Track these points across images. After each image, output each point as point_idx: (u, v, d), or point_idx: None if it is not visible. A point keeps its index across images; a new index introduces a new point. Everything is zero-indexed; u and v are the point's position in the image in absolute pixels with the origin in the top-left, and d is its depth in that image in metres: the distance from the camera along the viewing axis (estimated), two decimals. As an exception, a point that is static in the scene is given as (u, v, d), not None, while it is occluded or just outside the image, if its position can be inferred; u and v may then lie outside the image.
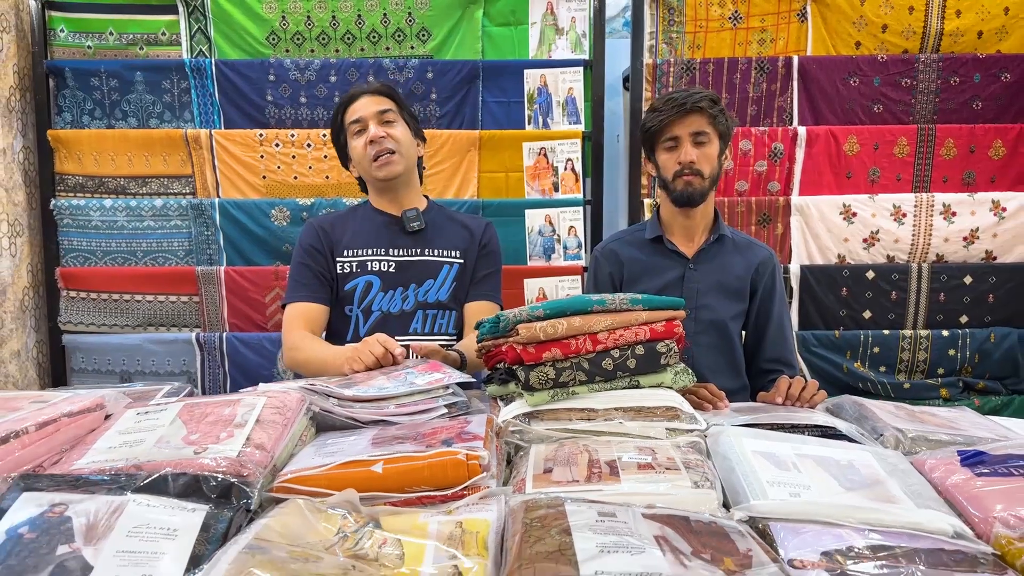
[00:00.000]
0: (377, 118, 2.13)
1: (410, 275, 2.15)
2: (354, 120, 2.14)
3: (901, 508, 1.12)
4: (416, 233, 2.18)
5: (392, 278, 2.15)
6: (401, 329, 2.10)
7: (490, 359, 1.61)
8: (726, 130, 2.07)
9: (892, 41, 3.21)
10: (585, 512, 0.99)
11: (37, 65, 3.13)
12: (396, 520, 1.03)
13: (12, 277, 3.05)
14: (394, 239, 2.18)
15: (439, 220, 2.25)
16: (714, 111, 2.02)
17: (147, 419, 1.26)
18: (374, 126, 2.11)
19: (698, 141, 2.03)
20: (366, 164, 2.14)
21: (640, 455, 1.24)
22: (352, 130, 2.15)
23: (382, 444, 1.22)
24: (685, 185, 2.04)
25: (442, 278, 2.17)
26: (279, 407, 1.29)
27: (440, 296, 2.16)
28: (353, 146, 2.16)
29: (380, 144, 2.11)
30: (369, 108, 2.13)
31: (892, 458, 1.32)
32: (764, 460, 1.25)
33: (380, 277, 2.14)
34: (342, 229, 2.20)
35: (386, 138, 2.12)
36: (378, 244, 2.17)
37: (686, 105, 2.00)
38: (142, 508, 0.98)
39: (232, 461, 1.09)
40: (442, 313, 2.17)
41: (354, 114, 2.14)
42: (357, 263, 2.15)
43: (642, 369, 1.51)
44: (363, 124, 2.13)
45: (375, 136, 2.11)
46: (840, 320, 3.17)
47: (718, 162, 2.07)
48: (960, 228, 3.14)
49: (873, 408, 1.61)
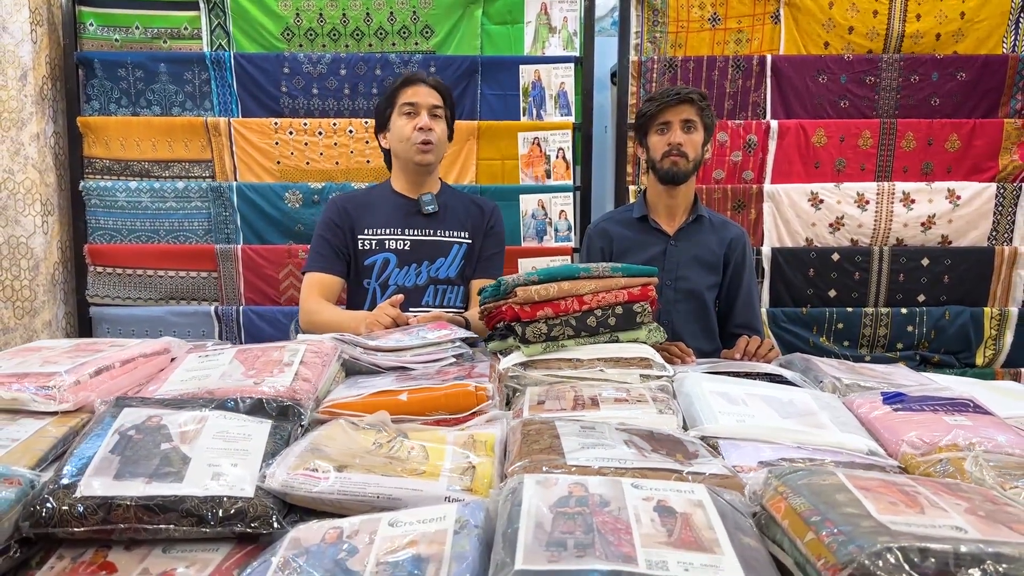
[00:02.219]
0: (430, 110, 2.28)
1: (423, 253, 2.33)
2: (410, 102, 2.27)
3: (827, 432, 1.35)
4: (430, 215, 2.35)
5: (407, 255, 2.32)
6: (414, 301, 2.30)
7: (491, 319, 1.84)
8: (710, 123, 2.33)
9: (858, 42, 3.31)
10: (571, 425, 1.25)
11: (68, 56, 3.26)
12: (421, 433, 1.28)
13: (44, 253, 3.25)
14: (410, 220, 2.34)
15: (451, 202, 2.41)
16: (702, 104, 2.28)
17: (208, 360, 1.51)
18: (426, 116, 2.27)
19: (686, 128, 2.28)
20: (407, 145, 2.28)
21: (617, 392, 1.48)
22: (403, 110, 2.28)
23: (406, 380, 1.48)
24: (671, 164, 2.28)
25: (452, 256, 2.36)
26: (317, 351, 1.54)
27: (450, 273, 2.35)
28: (400, 124, 2.29)
29: (426, 134, 2.26)
30: (427, 99, 2.28)
31: (826, 398, 1.54)
32: (719, 397, 1.47)
33: (396, 254, 2.32)
34: (364, 208, 2.35)
35: (432, 131, 2.27)
36: (395, 224, 2.33)
37: (679, 95, 2.26)
38: (221, 419, 1.22)
39: (287, 388, 1.34)
40: (451, 288, 2.36)
41: (412, 97, 2.28)
42: (376, 241, 2.32)
43: (621, 326, 1.74)
44: (416, 109, 2.27)
45: (425, 125, 2.25)
46: (807, 298, 3.29)
47: (701, 150, 2.32)
48: (918, 214, 3.26)
49: (818, 363, 1.82)
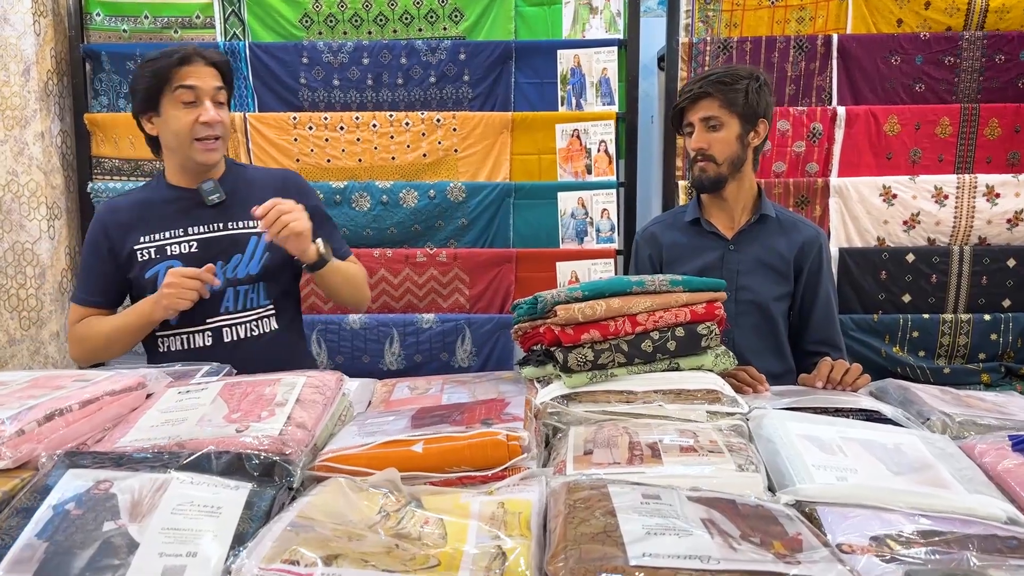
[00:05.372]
0: (213, 95, 1.92)
1: (215, 252, 1.97)
2: (187, 85, 1.89)
3: (952, 493, 1.10)
4: (216, 206, 1.99)
5: (195, 259, 1.95)
6: (212, 310, 1.95)
7: (527, 340, 1.60)
8: (749, 109, 2.02)
9: (935, 18, 3.15)
10: (629, 494, 0.98)
11: (74, 49, 3.15)
12: (438, 500, 1.03)
13: (51, 259, 3.10)
14: (193, 216, 1.98)
15: (240, 187, 2.04)
16: (730, 90, 2.00)
17: (188, 398, 1.27)
18: (210, 105, 1.91)
19: (710, 126, 2.03)
20: (187, 142, 1.92)
21: (682, 438, 1.22)
22: (180, 96, 1.89)
23: (422, 426, 1.22)
24: (699, 171, 2.08)
25: (250, 251, 2.00)
26: (318, 386, 1.29)
27: (250, 270, 1.99)
28: (175, 115, 1.90)
29: (212, 128, 1.91)
30: (209, 81, 1.92)
31: (940, 442, 1.30)
32: (809, 443, 1.22)
33: (182, 260, 1.95)
34: (134, 215, 1.98)
35: (220, 122, 1.93)
36: (176, 224, 1.97)
37: (693, 91, 2.03)
38: (185, 486, 0.98)
39: (274, 439, 1.09)
40: (253, 288, 2.00)
41: (190, 79, 1.89)
42: (155, 248, 1.95)
43: (682, 351, 1.50)
44: (197, 96, 1.90)
45: (211, 119, 1.90)
46: (879, 304, 3.12)
47: (739, 144, 2.04)
48: (1004, 210, 3.08)
49: (918, 392, 1.58)
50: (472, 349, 3.16)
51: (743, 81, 2.01)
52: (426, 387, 1.62)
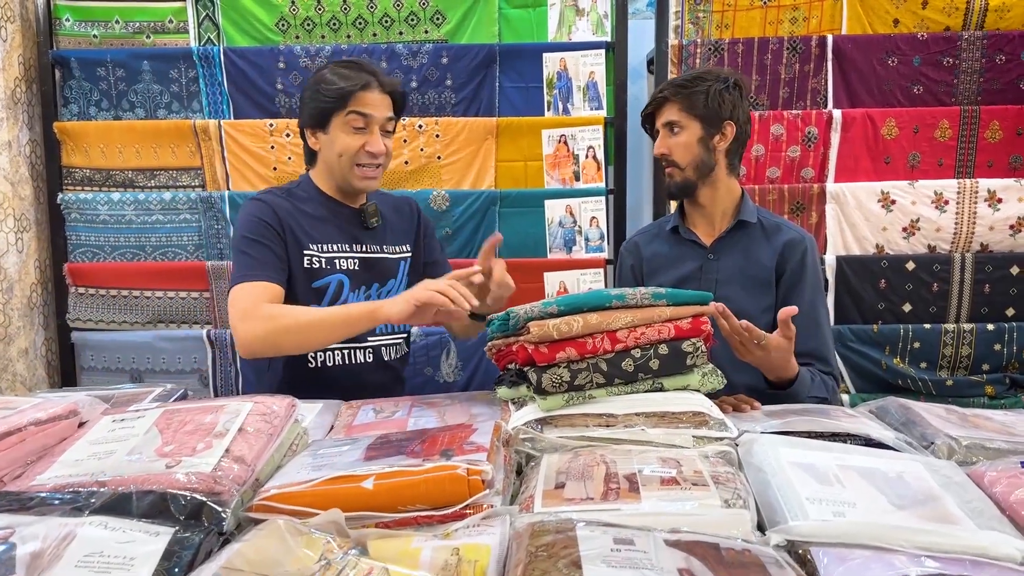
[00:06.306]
0: (383, 125, 1.91)
1: (373, 274, 2.00)
2: (362, 112, 1.87)
3: (961, 530, 1.01)
4: (373, 228, 2.01)
5: (359, 277, 1.97)
6: (367, 331, 1.90)
7: (500, 359, 1.50)
8: (710, 112, 1.96)
9: (933, 18, 3.08)
10: (599, 538, 0.88)
11: (43, 55, 3.06)
12: (386, 545, 0.92)
13: (19, 274, 2.98)
14: (354, 234, 1.99)
15: (385, 211, 2.07)
16: (686, 95, 1.97)
17: (122, 427, 1.16)
18: (379, 135, 1.89)
19: (672, 131, 2.02)
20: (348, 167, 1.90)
21: (663, 468, 1.12)
22: (351, 121, 1.87)
23: (376, 457, 1.10)
24: (667, 177, 2.07)
25: (400, 276, 2.05)
26: (266, 414, 1.18)
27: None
28: (343, 140, 1.88)
29: (376, 159, 1.90)
30: (382, 111, 1.90)
31: (946, 469, 1.20)
32: (803, 473, 1.12)
33: (349, 276, 1.96)
34: (300, 217, 1.93)
35: (384, 155, 1.92)
36: (341, 239, 1.96)
37: (655, 97, 2.04)
38: (98, 532, 0.87)
39: (205, 477, 0.98)
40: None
41: (365, 106, 1.87)
42: (326, 259, 1.93)
43: (666, 370, 1.40)
44: (368, 125, 1.88)
45: (378, 150, 1.88)
46: (878, 314, 3.04)
47: (702, 147, 1.99)
48: (1006, 215, 3.00)
49: (922, 412, 1.48)
50: (457, 364, 3.07)
51: (704, 84, 1.97)
52: (392, 410, 1.52)
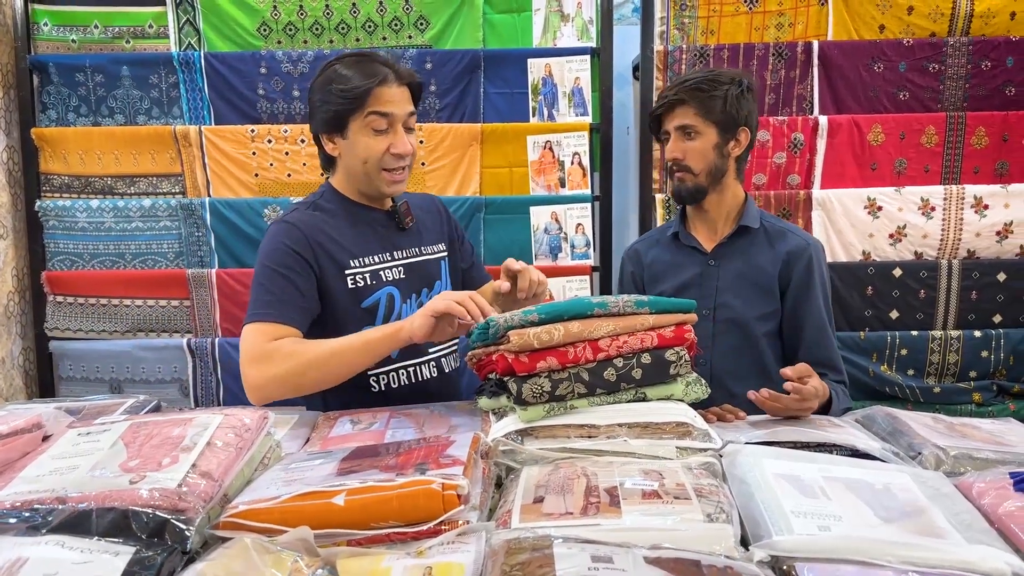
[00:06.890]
0: (406, 121, 1.74)
1: (419, 279, 1.83)
2: (383, 112, 1.69)
3: (949, 544, 0.99)
4: (408, 229, 1.86)
5: (405, 285, 1.80)
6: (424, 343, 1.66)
7: (481, 369, 1.47)
8: (727, 118, 1.90)
9: (919, 24, 3.07)
10: (576, 557, 0.85)
11: (20, 60, 3.02)
12: (355, 564, 0.89)
13: (-5, 282, 2.94)
14: (391, 240, 1.82)
15: (412, 209, 1.90)
16: (703, 99, 1.89)
17: (87, 441, 1.12)
18: (403, 133, 1.73)
19: (685, 135, 1.94)
20: (375, 171, 1.73)
21: (645, 480, 1.09)
22: (372, 122, 1.70)
23: (349, 471, 1.07)
24: (677, 182, 1.99)
25: (444, 277, 1.90)
26: (236, 427, 1.15)
27: None
28: (365, 142, 1.71)
29: (402, 160, 1.74)
30: (403, 106, 1.73)
31: (934, 481, 1.18)
32: (788, 485, 1.10)
33: (398, 286, 1.79)
34: (330, 232, 1.75)
35: (410, 154, 1.76)
36: (380, 248, 1.79)
37: (668, 98, 1.94)
38: (54, 552, 0.84)
39: (169, 493, 0.95)
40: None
41: (386, 104, 1.70)
42: (370, 274, 1.75)
43: (649, 380, 1.38)
44: (391, 123, 1.71)
45: (404, 151, 1.72)
46: (865, 321, 3.03)
47: (717, 153, 1.93)
48: (993, 222, 2.99)
49: (909, 421, 1.46)
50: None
51: (722, 88, 1.89)
52: (370, 421, 1.48)
